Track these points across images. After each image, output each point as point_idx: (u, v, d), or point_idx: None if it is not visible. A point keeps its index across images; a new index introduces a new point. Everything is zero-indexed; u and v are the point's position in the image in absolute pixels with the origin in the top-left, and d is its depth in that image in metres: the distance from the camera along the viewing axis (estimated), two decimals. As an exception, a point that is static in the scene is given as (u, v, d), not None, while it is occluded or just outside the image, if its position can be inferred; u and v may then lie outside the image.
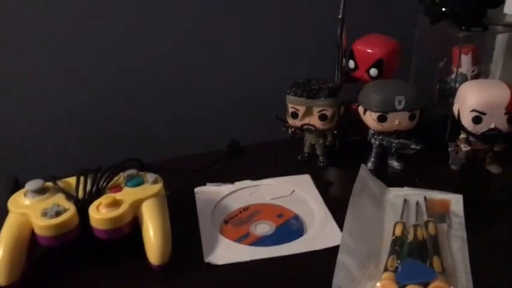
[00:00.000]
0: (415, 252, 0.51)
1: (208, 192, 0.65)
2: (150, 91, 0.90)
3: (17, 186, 0.62)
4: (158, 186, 0.55)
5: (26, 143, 0.84)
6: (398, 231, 0.55)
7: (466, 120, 0.64)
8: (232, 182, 0.67)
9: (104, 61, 0.85)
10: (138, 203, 0.53)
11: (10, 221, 0.51)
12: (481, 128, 0.63)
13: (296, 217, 0.60)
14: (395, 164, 0.70)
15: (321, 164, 0.71)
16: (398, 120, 0.65)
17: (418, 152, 0.66)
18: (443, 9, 0.69)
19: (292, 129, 0.70)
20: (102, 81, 0.86)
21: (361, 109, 0.67)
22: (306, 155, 0.72)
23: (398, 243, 0.53)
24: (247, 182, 0.67)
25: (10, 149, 0.84)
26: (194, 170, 0.68)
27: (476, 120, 0.63)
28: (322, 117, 0.66)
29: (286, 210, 0.61)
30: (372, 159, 0.69)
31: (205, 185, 0.66)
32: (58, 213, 0.50)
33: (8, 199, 0.57)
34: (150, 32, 0.86)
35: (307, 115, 0.66)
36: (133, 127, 0.89)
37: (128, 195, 0.53)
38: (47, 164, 0.81)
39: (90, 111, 0.87)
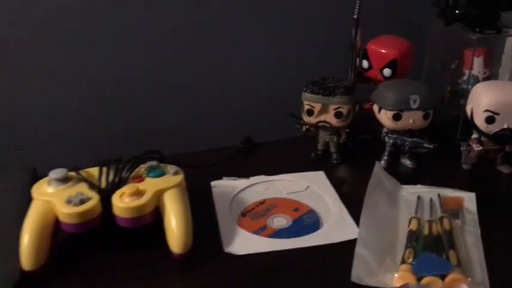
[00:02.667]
0: (431, 246, 0.52)
1: (224, 186, 0.66)
2: (168, 88, 0.91)
3: (36, 176, 0.64)
4: (179, 178, 0.56)
5: (43, 135, 0.85)
6: (413, 226, 0.56)
7: (479, 120, 0.65)
8: (247, 177, 0.68)
9: (123, 56, 0.86)
10: (160, 193, 0.54)
11: (35, 208, 0.52)
12: (493, 128, 0.64)
13: (312, 211, 0.61)
14: (407, 162, 0.71)
15: (335, 162, 0.72)
16: (412, 119, 0.66)
17: (431, 151, 0.68)
18: (458, 11, 0.70)
19: (307, 126, 0.71)
20: (120, 77, 0.88)
21: (375, 107, 0.68)
22: (319, 152, 0.73)
23: (413, 238, 0.54)
24: (262, 177, 0.68)
25: (28, 142, 0.85)
26: (209, 165, 0.70)
27: (489, 120, 0.64)
28: (338, 115, 0.67)
29: (301, 204, 0.62)
30: (385, 157, 0.70)
31: (221, 179, 0.67)
32: (82, 201, 0.51)
33: (28, 188, 0.58)
34: (169, 31, 0.87)
35: (322, 112, 0.68)
36: (149, 123, 0.91)
37: (150, 185, 0.54)
38: (63, 157, 0.82)
39: (107, 106, 0.88)
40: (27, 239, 0.50)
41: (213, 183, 0.66)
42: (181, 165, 0.60)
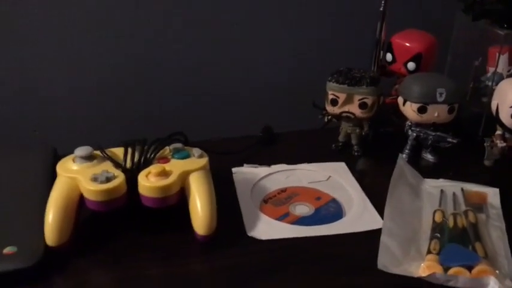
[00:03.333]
0: (457, 238, 0.52)
1: (245, 173, 0.66)
2: (189, 76, 0.91)
3: (57, 156, 0.63)
4: (204, 160, 0.56)
5: (63, 118, 0.86)
6: (438, 218, 0.56)
7: (505, 116, 0.65)
8: (268, 165, 0.68)
9: (147, 40, 0.86)
10: (185, 175, 0.53)
11: (59, 184, 0.52)
12: (519, 124, 0.64)
13: (334, 200, 0.61)
14: (429, 157, 0.70)
15: (356, 154, 0.72)
16: (437, 112, 0.65)
17: (454, 146, 0.67)
18: (485, 6, 0.69)
19: (329, 117, 0.71)
20: (143, 61, 0.88)
21: (400, 100, 0.68)
22: (340, 143, 0.73)
23: (438, 230, 0.54)
24: (283, 166, 0.68)
25: (48, 125, 0.85)
26: (230, 152, 0.69)
27: (516, 116, 0.64)
28: (363, 106, 0.67)
29: (323, 194, 0.62)
30: (407, 150, 0.70)
31: (241, 166, 0.67)
32: (108, 179, 0.51)
33: (50, 166, 0.58)
34: (191, 24, 0.87)
35: (347, 103, 0.67)
36: (170, 110, 0.91)
37: (176, 166, 0.54)
38: (83, 139, 0.82)
39: (128, 90, 0.88)
40: (51, 214, 0.50)
41: (234, 169, 0.66)
42: (203, 150, 0.60)
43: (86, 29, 0.84)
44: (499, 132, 0.68)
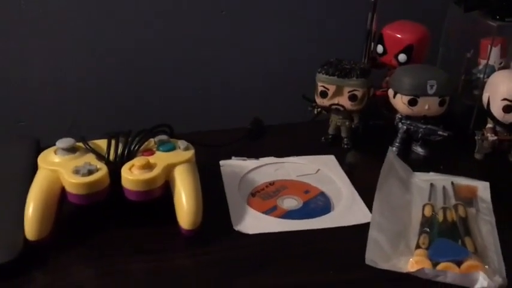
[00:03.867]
0: (446, 233, 0.51)
1: (233, 166, 0.65)
2: (178, 66, 0.90)
3: (39, 148, 0.62)
4: (190, 153, 0.55)
5: (47, 109, 0.84)
6: (427, 212, 0.55)
7: (496, 109, 0.64)
8: (256, 158, 0.67)
9: (133, 29, 0.85)
10: (170, 168, 0.52)
11: (40, 177, 0.51)
12: (510, 118, 0.63)
13: (323, 194, 0.60)
14: (419, 150, 0.70)
15: (345, 146, 0.71)
16: (428, 104, 0.65)
17: (444, 139, 0.66)
18: (478, -2, 0.69)
19: (319, 109, 0.70)
20: (130, 51, 0.86)
21: (391, 92, 0.67)
22: (330, 136, 0.72)
23: (427, 224, 0.53)
24: (272, 159, 0.67)
25: (32, 115, 0.83)
26: (218, 145, 0.68)
27: (507, 109, 0.63)
28: (352, 98, 0.66)
29: (312, 187, 0.61)
30: (397, 144, 0.69)
31: (230, 159, 0.66)
32: (90, 172, 0.50)
33: (32, 158, 0.57)
34: (178, 11, 0.85)
35: (336, 95, 0.66)
36: (157, 101, 0.89)
37: (160, 159, 0.52)
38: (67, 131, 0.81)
39: (114, 82, 0.86)
40: (31, 207, 0.48)
41: (221, 162, 0.65)
42: (190, 143, 0.58)
43: (71, 20, 0.82)
44: (490, 125, 0.67)
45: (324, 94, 0.67)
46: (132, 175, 0.50)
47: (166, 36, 0.87)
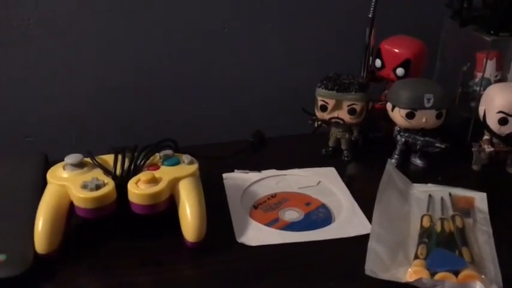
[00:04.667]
0: (444, 243, 0.53)
1: (236, 179, 0.66)
2: (179, 80, 0.91)
3: (47, 163, 0.64)
4: (194, 167, 0.56)
5: (54, 124, 0.86)
6: (426, 223, 0.56)
7: (492, 122, 0.65)
8: (258, 170, 0.68)
9: (138, 46, 0.87)
10: (175, 182, 0.54)
11: (49, 192, 0.52)
12: (506, 130, 0.65)
13: (324, 206, 0.61)
14: (418, 161, 0.71)
15: (345, 159, 0.72)
16: (425, 118, 0.66)
17: (441, 152, 0.68)
18: (473, 13, 0.70)
19: (319, 122, 0.71)
20: (134, 68, 0.88)
21: (389, 106, 0.68)
22: (330, 149, 0.73)
23: (426, 234, 0.54)
24: (273, 171, 0.68)
25: (39, 131, 0.85)
26: (221, 158, 0.70)
27: (502, 121, 0.64)
28: (352, 111, 0.67)
29: (313, 199, 0.63)
30: (396, 156, 0.70)
31: (232, 171, 0.68)
32: (98, 187, 0.51)
33: (41, 173, 0.58)
34: (180, 26, 0.87)
35: (336, 108, 0.68)
36: (160, 115, 0.91)
37: (165, 173, 0.54)
38: (74, 147, 0.83)
39: (118, 99, 0.88)
40: (41, 222, 0.50)
41: (224, 175, 0.67)
42: (193, 156, 0.60)
43: (76, 32, 0.84)
44: (486, 137, 0.69)
45: (323, 108, 0.68)
46: (138, 189, 0.52)
47: (169, 51, 0.89)
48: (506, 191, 0.68)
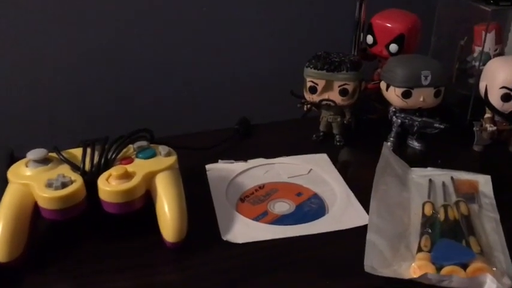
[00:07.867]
0: (449, 233, 0.48)
1: (220, 170, 0.61)
2: (159, 67, 0.86)
3: (13, 159, 0.58)
4: (172, 159, 0.51)
5: (21, 116, 0.80)
6: (427, 211, 0.52)
7: (494, 98, 0.61)
8: (244, 160, 0.63)
9: (113, 29, 0.82)
10: (151, 176, 0.49)
11: (10, 193, 0.47)
12: (510, 107, 0.61)
13: (316, 196, 0.57)
14: (415, 144, 0.67)
15: (338, 144, 0.68)
16: (423, 96, 0.62)
17: (441, 132, 0.64)
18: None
19: (308, 105, 0.66)
20: (107, 50, 0.83)
21: (383, 84, 0.64)
22: (321, 134, 0.69)
23: (428, 224, 0.50)
24: (261, 160, 0.63)
25: (4, 123, 0.80)
26: (204, 148, 0.65)
27: (506, 97, 0.60)
28: (343, 92, 0.62)
29: (305, 189, 0.58)
30: (392, 138, 0.66)
31: (216, 162, 0.63)
32: (64, 185, 0.46)
33: (4, 171, 0.53)
34: (160, 10, 0.82)
35: (326, 90, 0.63)
36: (141, 103, 0.86)
37: (140, 167, 0.49)
38: (43, 139, 0.77)
39: (96, 85, 0.83)
40: (1, 226, 0.44)
41: (208, 166, 0.62)
42: (173, 147, 0.55)
43: (46, 22, 0.78)
44: (488, 115, 0.64)
45: (313, 89, 0.63)
46: (109, 186, 0.47)
47: (148, 36, 0.84)
48: (511, 172, 0.64)
